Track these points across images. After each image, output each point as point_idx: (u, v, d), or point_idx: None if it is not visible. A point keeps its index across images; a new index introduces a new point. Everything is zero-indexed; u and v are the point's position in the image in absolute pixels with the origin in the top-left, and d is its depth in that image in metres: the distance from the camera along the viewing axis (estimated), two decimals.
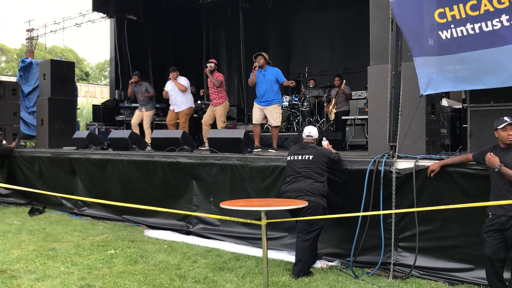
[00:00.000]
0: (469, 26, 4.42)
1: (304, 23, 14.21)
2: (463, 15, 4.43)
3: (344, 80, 10.08)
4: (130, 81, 10.22)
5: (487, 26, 4.32)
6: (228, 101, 9.10)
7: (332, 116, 9.90)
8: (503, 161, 3.96)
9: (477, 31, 4.37)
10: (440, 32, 4.63)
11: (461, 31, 4.47)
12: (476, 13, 4.35)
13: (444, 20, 4.57)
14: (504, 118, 4.06)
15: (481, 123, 5.30)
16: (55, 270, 5.19)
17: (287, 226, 5.88)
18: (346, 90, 10.06)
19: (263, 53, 7.93)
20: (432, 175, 4.71)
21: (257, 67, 7.86)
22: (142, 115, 10.08)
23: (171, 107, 9.52)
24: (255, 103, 8.07)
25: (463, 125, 6.61)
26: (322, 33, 13.95)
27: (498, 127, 4.07)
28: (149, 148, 8.71)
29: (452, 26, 4.53)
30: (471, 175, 4.57)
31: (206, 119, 9.04)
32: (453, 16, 4.50)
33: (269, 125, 8.12)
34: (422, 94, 4.94)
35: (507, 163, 3.94)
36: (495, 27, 4.27)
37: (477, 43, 4.40)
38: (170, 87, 9.46)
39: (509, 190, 3.92)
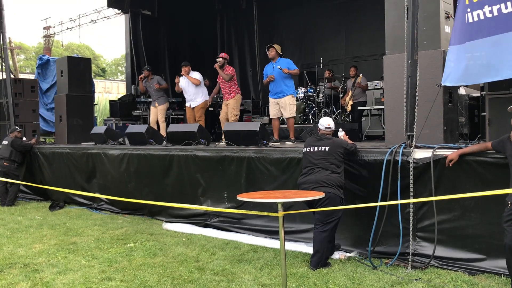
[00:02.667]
0: (486, 9, 4.18)
1: (318, 13, 14.09)
2: None
3: (361, 74, 9.96)
4: (139, 77, 10.27)
5: (506, 8, 4.08)
6: (240, 94, 9.07)
7: (349, 108, 9.82)
8: None
9: (496, 13, 4.14)
10: (466, 16, 4.43)
11: (478, 15, 4.25)
12: None
13: (467, 2, 4.37)
14: None
15: (500, 111, 5.22)
16: (76, 263, 5.28)
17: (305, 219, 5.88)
18: (362, 82, 9.97)
19: (274, 45, 7.93)
20: (451, 165, 4.65)
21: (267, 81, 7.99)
22: (156, 110, 10.13)
23: (187, 104, 9.55)
24: (270, 98, 8.09)
25: (482, 114, 6.52)
26: (336, 23, 13.82)
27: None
28: (165, 142, 8.77)
29: (469, 10, 4.32)
30: (490, 163, 4.50)
31: (223, 115, 9.03)
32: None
33: (284, 117, 8.11)
34: (440, 84, 4.78)
35: None
36: None
37: (495, 27, 4.16)
38: (184, 82, 9.48)
39: None
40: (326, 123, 5.45)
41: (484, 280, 4.40)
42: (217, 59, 8.90)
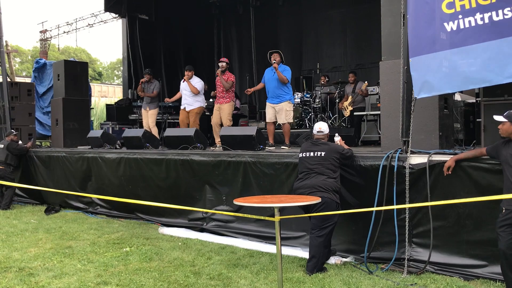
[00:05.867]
0: (478, 16, 4.21)
1: (315, 20, 14.16)
2: (473, 5, 4.25)
3: (366, 82, 9.89)
4: (141, 80, 10.28)
5: (497, 15, 4.12)
6: (234, 101, 9.10)
7: (348, 113, 9.83)
8: (508, 153, 3.99)
9: (486, 21, 4.17)
10: (446, 24, 4.44)
11: (469, 21, 4.27)
12: (488, 2, 4.18)
13: (452, 11, 4.38)
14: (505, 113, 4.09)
15: None
16: (71, 267, 5.27)
17: (301, 224, 5.88)
18: (363, 90, 9.88)
19: (278, 52, 7.99)
20: (450, 172, 4.66)
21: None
22: (147, 114, 10.12)
23: (182, 106, 9.55)
24: (267, 102, 8.12)
25: (477, 119, 6.55)
26: (334, 29, 13.88)
27: None
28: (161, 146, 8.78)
29: (460, 16, 4.33)
30: (485, 169, 4.54)
31: (215, 120, 8.96)
32: (462, 6, 4.32)
33: (279, 122, 8.14)
34: (415, 98, 4.77)
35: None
36: (506, 16, 4.07)
37: (485, 34, 4.20)
38: (183, 85, 9.50)
39: None
40: (317, 127, 5.49)
41: (479, 286, 4.43)
42: (219, 64, 8.90)
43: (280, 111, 7.87)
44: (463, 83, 4.50)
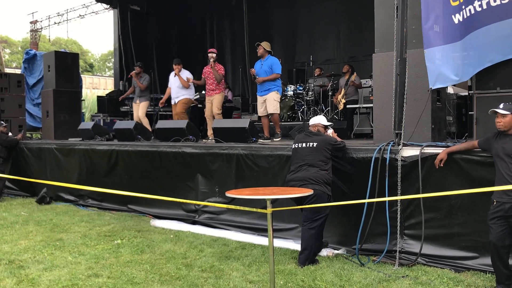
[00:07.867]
0: (476, 3, 4.38)
1: (309, 11, 14.10)
2: None
3: (355, 73, 9.94)
4: (130, 74, 10.15)
5: (494, 1, 4.29)
6: (225, 92, 9.03)
7: (341, 106, 9.84)
8: (505, 148, 3.96)
9: (485, 7, 4.34)
10: (453, 16, 4.60)
11: (469, 10, 4.44)
12: None
13: (457, 3, 4.56)
14: (501, 105, 4.08)
15: (487, 110, 5.22)
16: (62, 260, 5.23)
17: (293, 216, 5.88)
18: (356, 81, 9.96)
19: (261, 43, 7.90)
20: (442, 165, 4.67)
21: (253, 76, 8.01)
22: (138, 107, 10.05)
23: (172, 101, 9.50)
24: (257, 95, 8.09)
25: (469, 112, 6.56)
26: (327, 21, 13.84)
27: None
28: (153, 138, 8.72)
29: (463, 7, 4.51)
30: (476, 162, 4.55)
31: (208, 112, 8.93)
32: None
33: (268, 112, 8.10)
34: (431, 88, 4.87)
35: (508, 149, 3.94)
36: (503, 1, 4.24)
37: (485, 19, 4.37)
38: (173, 79, 9.43)
39: None
40: (312, 120, 5.57)
41: (469, 277, 4.45)
42: (211, 54, 8.76)
43: (268, 101, 7.85)
44: (474, 68, 4.76)
